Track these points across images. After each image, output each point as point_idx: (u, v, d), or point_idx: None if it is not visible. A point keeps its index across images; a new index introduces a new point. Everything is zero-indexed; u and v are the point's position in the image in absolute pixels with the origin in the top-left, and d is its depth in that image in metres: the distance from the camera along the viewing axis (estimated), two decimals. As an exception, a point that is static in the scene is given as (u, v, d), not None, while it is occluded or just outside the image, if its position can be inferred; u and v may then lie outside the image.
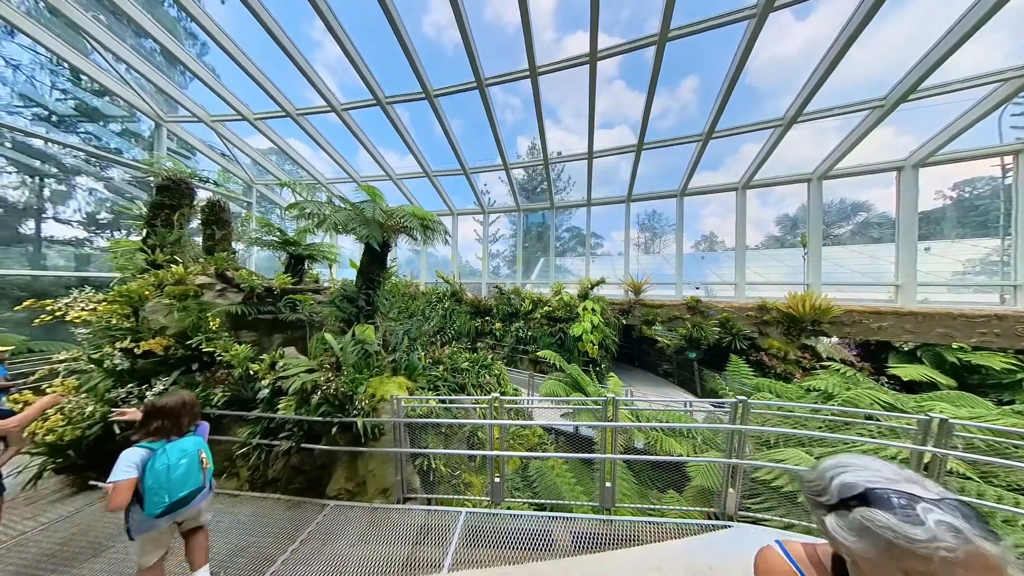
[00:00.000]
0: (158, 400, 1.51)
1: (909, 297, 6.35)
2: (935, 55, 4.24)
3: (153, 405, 1.47)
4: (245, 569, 1.92)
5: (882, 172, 6.61)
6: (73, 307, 2.48)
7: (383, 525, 2.22)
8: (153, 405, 1.47)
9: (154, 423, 1.43)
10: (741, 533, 1.92)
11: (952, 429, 1.77)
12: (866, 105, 5.38)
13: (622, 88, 5.46)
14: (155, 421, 1.43)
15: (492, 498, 2.36)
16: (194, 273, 3.14)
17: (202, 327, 2.63)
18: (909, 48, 4.57)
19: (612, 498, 2.17)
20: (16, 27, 5.18)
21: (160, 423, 1.43)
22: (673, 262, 8.86)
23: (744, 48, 4.48)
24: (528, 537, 2.03)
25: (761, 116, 6.17)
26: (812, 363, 6.61)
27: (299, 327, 3.29)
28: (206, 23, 4.98)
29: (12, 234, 5.95)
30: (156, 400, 1.51)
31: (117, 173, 7.25)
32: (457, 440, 3.38)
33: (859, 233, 12.22)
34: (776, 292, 7.55)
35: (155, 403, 1.48)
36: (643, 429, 3.53)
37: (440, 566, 1.87)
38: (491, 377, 4.93)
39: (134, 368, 2.49)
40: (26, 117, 5.97)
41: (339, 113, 6.60)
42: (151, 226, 3.58)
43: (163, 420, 1.44)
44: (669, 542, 1.88)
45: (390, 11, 4.43)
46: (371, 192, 3.14)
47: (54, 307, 2.43)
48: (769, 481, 2.51)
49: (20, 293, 5.71)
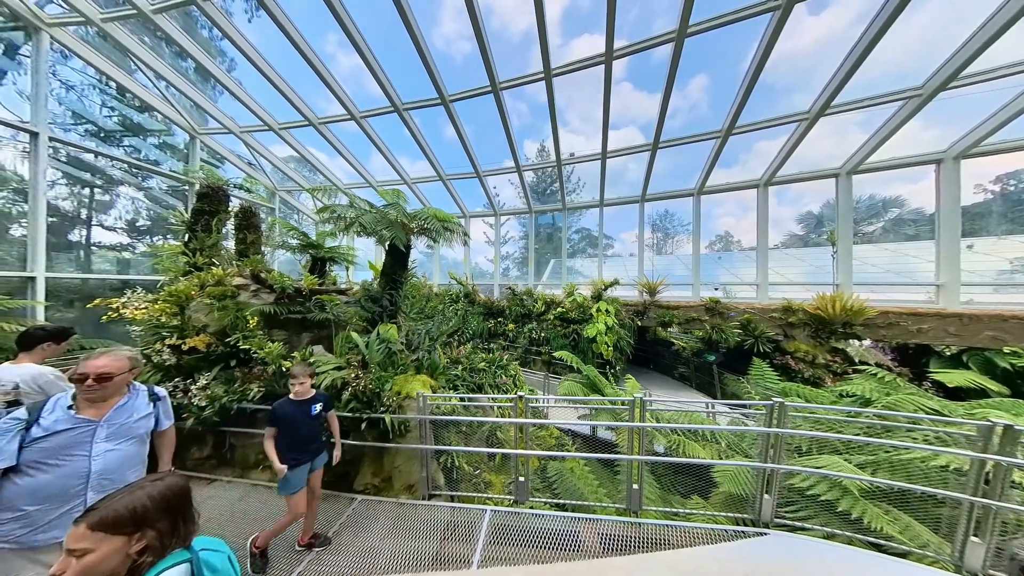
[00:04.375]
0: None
1: (952, 297, 5.93)
2: (981, 38, 3.98)
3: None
4: (285, 555, 2.01)
5: (919, 165, 6.24)
6: (128, 306, 2.70)
7: (410, 520, 2.27)
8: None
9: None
10: (779, 541, 1.84)
11: (1019, 436, 1.64)
12: (901, 95, 5.11)
13: (629, 90, 5.51)
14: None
15: (516, 497, 2.37)
16: (231, 275, 3.33)
17: (239, 325, 2.79)
18: (946, 34, 4.32)
19: (639, 500, 2.13)
20: (72, 51, 5.69)
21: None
22: (686, 263, 8.65)
23: (768, 40, 4.35)
24: (555, 537, 2.02)
25: (776, 113, 5.97)
26: (843, 367, 6.26)
27: (325, 327, 3.41)
28: (239, 40, 5.30)
29: (64, 240, 6.46)
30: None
31: (155, 183, 7.77)
32: (477, 439, 3.41)
33: (891, 231, 11.54)
34: (801, 293, 7.22)
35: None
36: (664, 432, 3.44)
37: (469, 562, 1.89)
38: (507, 378, 4.95)
39: (179, 364, 2.67)
40: (79, 133, 6.50)
41: (358, 121, 6.84)
42: (192, 231, 3.83)
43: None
44: (702, 547, 1.83)
45: (410, 22, 4.58)
46: (395, 196, 3.24)
47: (117, 304, 2.65)
48: (805, 489, 2.40)
49: (71, 296, 6.18)
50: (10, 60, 5.44)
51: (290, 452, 1.85)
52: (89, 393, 1.10)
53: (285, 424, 1.87)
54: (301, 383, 1.91)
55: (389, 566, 1.90)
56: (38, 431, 1.00)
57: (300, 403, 1.93)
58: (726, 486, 2.84)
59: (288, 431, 1.87)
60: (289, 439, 1.86)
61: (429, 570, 1.85)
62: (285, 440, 1.85)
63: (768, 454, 1.97)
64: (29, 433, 0.99)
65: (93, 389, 1.10)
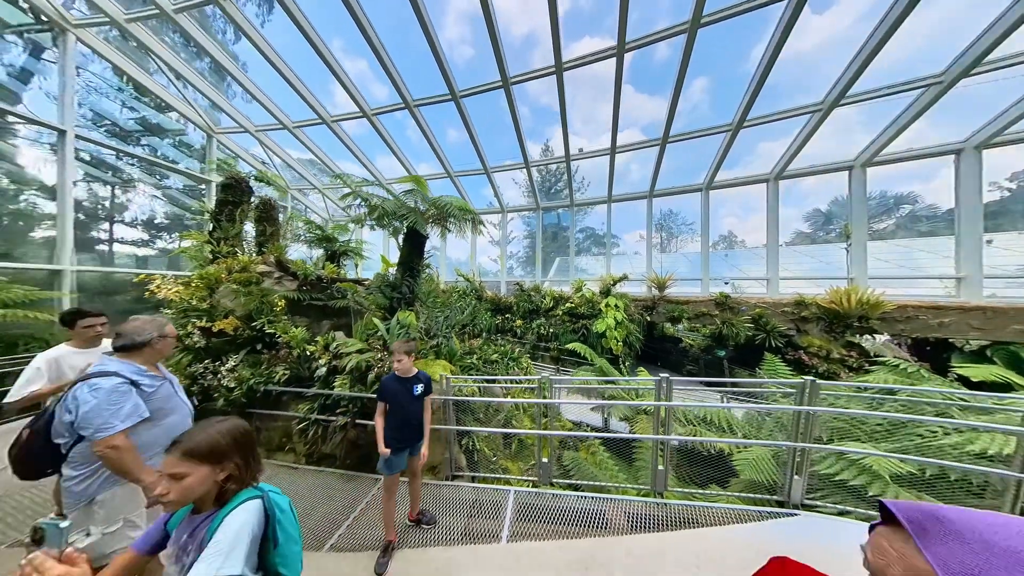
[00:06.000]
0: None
1: (974, 291, 5.80)
2: (1007, 20, 3.89)
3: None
4: (317, 528, 2.05)
5: (938, 156, 6.11)
6: (162, 288, 2.79)
7: (436, 499, 2.29)
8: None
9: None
10: (810, 521, 1.82)
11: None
12: (920, 83, 5.02)
13: (631, 92, 5.66)
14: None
15: (540, 479, 2.38)
16: (256, 262, 3.41)
17: (264, 310, 2.85)
18: (968, 18, 4.25)
19: (664, 482, 2.13)
20: (96, 52, 5.88)
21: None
22: (691, 260, 8.58)
23: (784, 28, 4.32)
24: (580, 515, 2.03)
25: (778, 114, 5.94)
26: (860, 362, 6.14)
27: (344, 314, 3.47)
28: (255, 36, 5.42)
29: (89, 236, 6.67)
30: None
31: (173, 181, 7.97)
32: (494, 425, 3.42)
33: (904, 227, 11.32)
34: (812, 288, 7.11)
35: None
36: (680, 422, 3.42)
37: (498, 537, 1.90)
38: (519, 370, 4.97)
39: (208, 346, 2.74)
40: (102, 132, 6.70)
41: (370, 118, 6.94)
42: (216, 221, 3.94)
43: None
44: (733, 526, 1.82)
45: (423, 17, 4.66)
46: (417, 181, 3.29)
47: (153, 285, 2.75)
48: (832, 475, 2.37)
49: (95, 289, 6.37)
50: (37, 61, 5.65)
51: (392, 432, 1.77)
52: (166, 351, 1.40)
53: (391, 401, 1.78)
54: (399, 360, 1.78)
55: (420, 539, 1.93)
56: (146, 388, 1.22)
57: (404, 381, 1.82)
58: (747, 473, 2.81)
59: (393, 409, 1.78)
60: (393, 418, 1.78)
61: (459, 544, 1.87)
62: (390, 419, 1.78)
63: (798, 434, 1.95)
64: (141, 390, 1.20)
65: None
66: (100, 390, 1.11)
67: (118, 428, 1.10)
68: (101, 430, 1.08)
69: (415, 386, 1.83)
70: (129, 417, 1.13)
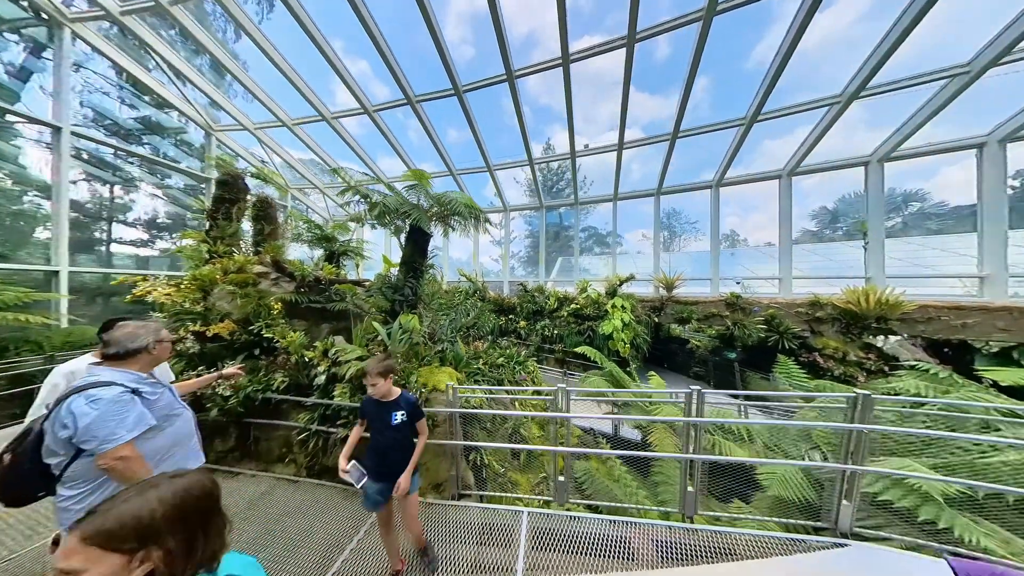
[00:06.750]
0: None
1: (998, 290, 5.55)
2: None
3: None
4: (318, 550, 1.88)
5: (959, 151, 5.87)
6: (154, 288, 2.62)
7: (440, 522, 2.11)
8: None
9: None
10: (863, 554, 1.63)
11: None
12: (944, 74, 4.79)
13: (632, 92, 5.51)
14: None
15: (555, 498, 2.20)
16: (252, 262, 3.25)
17: (262, 313, 2.69)
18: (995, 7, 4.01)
19: (695, 505, 1.94)
20: (94, 47, 5.74)
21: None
22: (696, 260, 8.36)
23: (803, 18, 4.11)
24: (602, 543, 1.84)
25: (783, 113, 5.73)
26: (878, 364, 5.91)
27: (344, 317, 3.30)
28: (252, 31, 5.26)
29: (87, 237, 6.54)
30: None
31: (173, 181, 7.84)
32: (499, 437, 3.25)
33: (914, 225, 11.05)
34: (826, 288, 6.88)
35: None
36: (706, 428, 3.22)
37: (512, 570, 1.72)
38: (526, 374, 4.79)
39: (203, 351, 2.57)
40: (101, 131, 6.57)
41: (371, 114, 6.77)
42: (213, 219, 3.79)
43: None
44: (776, 558, 1.63)
45: (427, 11, 4.49)
46: (420, 176, 3.12)
47: (138, 290, 2.58)
48: (874, 495, 2.17)
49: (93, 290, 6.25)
50: (34, 58, 5.52)
51: (370, 457, 1.53)
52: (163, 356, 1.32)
53: (370, 424, 1.57)
54: (373, 384, 1.50)
55: (428, 572, 1.75)
56: (148, 396, 1.15)
57: (381, 405, 1.55)
58: (774, 489, 2.62)
59: (373, 432, 1.56)
60: (373, 441, 1.55)
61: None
62: (370, 441, 1.56)
63: (847, 454, 1.76)
64: (144, 398, 1.13)
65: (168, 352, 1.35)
66: (100, 401, 1.02)
67: (125, 438, 1.03)
68: (107, 441, 1.00)
69: (393, 413, 1.52)
70: (136, 426, 1.06)
